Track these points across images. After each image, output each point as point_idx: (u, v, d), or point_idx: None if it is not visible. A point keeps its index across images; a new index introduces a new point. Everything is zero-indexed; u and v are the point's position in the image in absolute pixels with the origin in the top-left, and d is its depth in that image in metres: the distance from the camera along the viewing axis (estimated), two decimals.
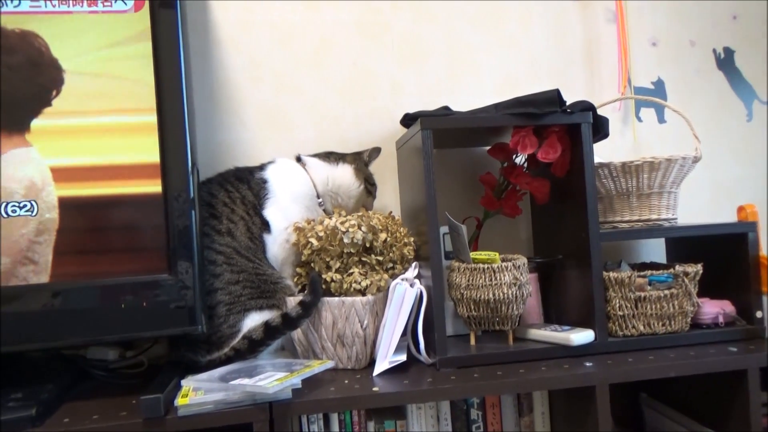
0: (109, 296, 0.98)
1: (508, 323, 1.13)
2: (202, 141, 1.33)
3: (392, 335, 1.08)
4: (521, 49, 1.52)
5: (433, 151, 1.09)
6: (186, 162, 1.02)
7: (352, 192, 1.28)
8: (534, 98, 1.14)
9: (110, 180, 1.00)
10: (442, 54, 1.48)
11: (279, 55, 1.42)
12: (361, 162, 1.31)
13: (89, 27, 1.00)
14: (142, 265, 1.00)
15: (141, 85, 1.01)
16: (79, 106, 0.99)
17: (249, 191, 1.20)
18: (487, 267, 1.11)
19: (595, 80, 1.54)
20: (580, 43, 1.54)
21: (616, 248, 1.49)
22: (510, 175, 1.28)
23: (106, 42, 1.01)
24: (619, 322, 1.15)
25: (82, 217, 0.99)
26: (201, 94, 1.37)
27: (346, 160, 1.30)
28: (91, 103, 1.00)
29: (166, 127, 1.01)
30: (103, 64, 1.00)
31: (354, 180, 1.28)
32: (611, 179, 1.25)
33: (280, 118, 1.42)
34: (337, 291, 1.11)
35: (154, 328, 1.00)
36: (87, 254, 0.99)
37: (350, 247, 1.11)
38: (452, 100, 1.43)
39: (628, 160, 1.22)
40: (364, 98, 1.45)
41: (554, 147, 1.15)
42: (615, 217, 1.27)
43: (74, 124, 0.99)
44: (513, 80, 1.50)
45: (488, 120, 1.16)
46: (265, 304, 1.11)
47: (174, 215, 1.00)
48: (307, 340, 1.12)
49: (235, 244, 1.13)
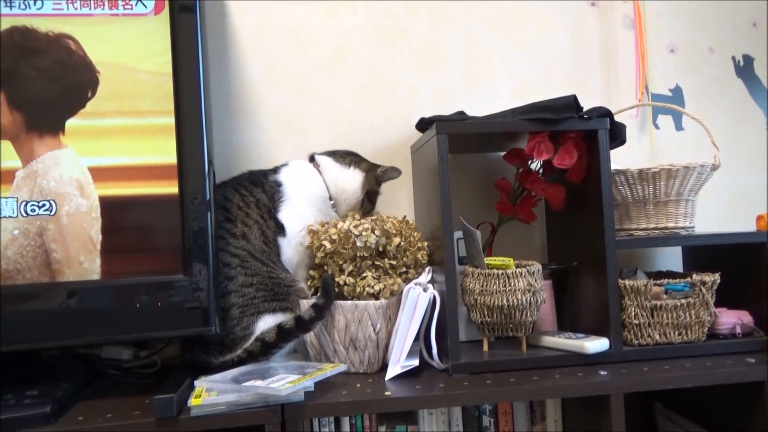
0: (125, 296, 0.98)
1: (522, 330, 1.12)
2: (219, 144, 1.34)
3: (405, 340, 1.08)
4: (538, 54, 1.51)
5: (448, 156, 1.09)
6: (203, 164, 1.02)
7: (351, 200, 1.28)
8: (551, 104, 1.13)
9: (130, 181, 1.01)
10: (459, 59, 1.48)
11: (296, 59, 1.42)
12: (372, 175, 1.29)
13: (110, 29, 1.01)
14: (158, 266, 1.00)
15: (159, 88, 1.01)
16: (103, 108, 1.00)
17: (263, 194, 1.20)
18: (502, 273, 1.10)
19: (613, 86, 1.53)
20: (598, 49, 1.53)
21: (632, 256, 1.47)
22: (525, 181, 1.27)
23: (125, 44, 1.01)
24: (635, 330, 1.14)
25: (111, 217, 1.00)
26: (218, 97, 1.37)
27: (361, 166, 1.29)
28: (112, 105, 1.00)
29: (183, 129, 1.02)
30: (121, 66, 1.01)
31: (357, 189, 1.27)
32: (628, 186, 1.23)
33: (297, 122, 1.42)
34: (350, 294, 1.11)
35: (168, 329, 1.00)
36: (108, 254, 1.00)
37: (363, 250, 1.11)
38: (468, 105, 1.42)
39: (645, 167, 1.21)
40: (380, 103, 1.44)
41: (570, 153, 1.14)
42: (631, 224, 1.25)
43: (97, 126, 1.00)
44: (530, 86, 1.49)
45: (504, 125, 1.15)
46: (279, 307, 1.11)
47: (190, 217, 1.01)
48: (319, 343, 1.11)
49: (249, 248, 1.13)
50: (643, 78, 1.51)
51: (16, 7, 0.99)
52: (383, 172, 1.30)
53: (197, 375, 1.03)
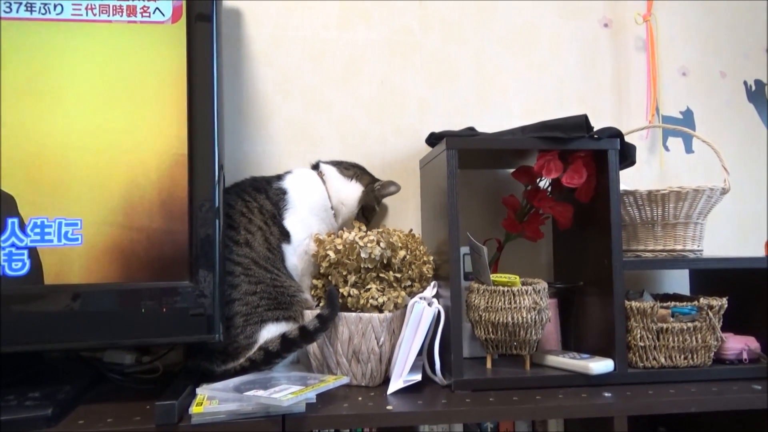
0: (130, 300, 0.98)
1: (526, 348, 1.11)
2: (229, 151, 1.34)
3: (408, 354, 1.07)
4: (550, 73, 1.51)
5: (457, 171, 1.08)
6: (213, 172, 1.02)
7: (347, 212, 1.27)
8: (561, 122, 1.13)
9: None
10: (471, 75, 1.48)
11: (309, 70, 1.43)
12: (371, 189, 1.29)
13: (127, 36, 1.02)
14: (163, 271, 1.00)
15: (173, 94, 1.02)
16: (115, 110, 1.01)
17: (267, 201, 1.19)
18: (507, 290, 1.09)
19: (623, 107, 1.52)
20: (610, 70, 1.53)
21: (639, 277, 1.46)
22: (533, 199, 1.27)
23: (142, 51, 1.02)
24: (640, 352, 1.12)
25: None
26: (231, 105, 1.38)
27: (362, 180, 1.29)
28: (125, 107, 1.01)
29: (195, 136, 1.02)
30: (138, 71, 1.02)
31: (355, 203, 1.27)
32: (636, 207, 1.23)
33: (307, 132, 1.42)
34: (353, 306, 1.10)
35: (171, 335, 1.00)
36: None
37: (368, 262, 1.10)
38: (479, 121, 1.42)
39: (655, 188, 1.20)
40: (391, 116, 1.45)
41: (579, 172, 1.13)
42: (639, 245, 1.24)
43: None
44: (541, 104, 1.49)
45: (514, 142, 1.15)
46: (282, 316, 1.10)
47: (198, 223, 1.01)
48: (322, 354, 1.11)
49: (253, 255, 1.13)
50: (654, 100, 1.51)
51: (36, 11, 1.00)
52: (381, 186, 1.30)
53: (199, 382, 1.02)
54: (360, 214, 1.29)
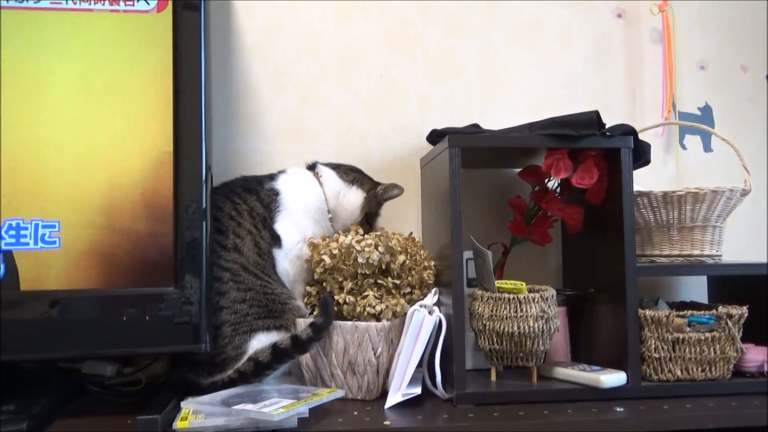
0: (111, 307, 0.97)
1: (533, 359, 1.10)
2: (218, 149, 1.34)
3: (407, 366, 1.06)
4: (559, 68, 1.50)
5: (460, 171, 1.08)
6: (200, 171, 1.02)
7: (350, 220, 1.27)
8: (571, 119, 1.12)
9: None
10: (475, 70, 1.48)
11: (304, 64, 1.43)
12: (373, 195, 1.29)
13: (109, 26, 1.02)
14: (147, 277, 0.99)
15: (158, 88, 1.02)
16: (96, 105, 1.00)
17: (258, 203, 1.19)
18: (513, 297, 1.08)
19: (637, 103, 1.52)
20: (623, 63, 1.52)
21: (654, 284, 1.46)
22: (541, 200, 1.26)
23: (125, 42, 1.02)
24: (654, 365, 1.12)
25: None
26: (220, 100, 1.37)
27: (363, 186, 1.29)
28: (106, 101, 1.01)
29: (181, 132, 1.01)
30: (121, 63, 1.01)
31: (357, 210, 1.27)
32: (651, 210, 1.22)
33: (302, 130, 1.42)
34: (349, 314, 1.10)
35: (155, 344, 0.99)
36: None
37: (365, 267, 1.10)
38: (483, 118, 1.42)
39: (670, 189, 1.20)
40: (390, 113, 1.44)
41: (590, 172, 1.13)
42: (653, 250, 1.24)
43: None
44: (549, 100, 1.49)
45: (520, 140, 1.15)
46: (273, 325, 1.10)
47: (183, 226, 1.00)
48: (315, 365, 1.10)
49: (242, 260, 1.12)
50: (670, 95, 1.50)
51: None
52: (383, 190, 1.29)
53: (184, 396, 1.01)
54: (364, 221, 1.28)
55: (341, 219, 1.27)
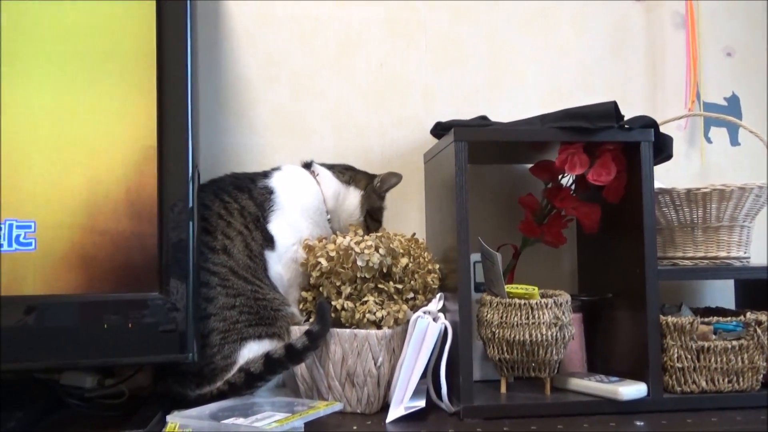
0: (91, 314, 0.98)
1: (546, 370, 1.11)
2: (205, 144, 1.34)
3: (410, 377, 1.07)
4: (573, 55, 1.51)
5: (467, 167, 1.08)
6: (186, 167, 1.02)
7: (352, 220, 1.28)
8: (586, 111, 1.13)
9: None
10: (483, 58, 1.48)
11: (299, 53, 1.43)
12: (371, 190, 1.30)
13: (88, 10, 1.02)
14: (130, 281, 1.00)
15: (141, 76, 1.02)
16: (74, 95, 1.00)
17: (250, 201, 1.19)
18: (524, 303, 1.09)
19: (659, 93, 1.52)
20: (643, 50, 1.52)
21: (676, 289, 1.46)
22: (555, 198, 1.26)
23: (105, 28, 1.02)
24: (677, 375, 1.12)
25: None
26: (207, 91, 1.38)
27: (359, 184, 1.30)
28: (85, 91, 1.01)
29: (166, 125, 1.02)
30: (101, 51, 1.02)
31: (356, 210, 1.28)
32: (673, 208, 1.22)
33: (297, 123, 1.42)
34: (347, 321, 1.10)
35: (138, 354, 0.99)
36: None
37: (365, 271, 1.10)
38: (491, 110, 1.42)
39: (694, 186, 1.20)
40: (391, 105, 1.45)
41: (608, 168, 1.13)
42: (676, 252, 1.24)
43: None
44: (563, 91, 1.49)
45: (532, 133, 1.15)
46: (265, 333, 1.10)
47: (168, 226, 1.00)
48: (311, 376, 1.10)
49: (231, 263, 1.12)
50: (694, 84, 1.51)
51: None
52: (380, 182, 1.30)
53: (170, 409, 1.01)
54: (368, 219, 1.29)
55: (341, 220, 1.28)
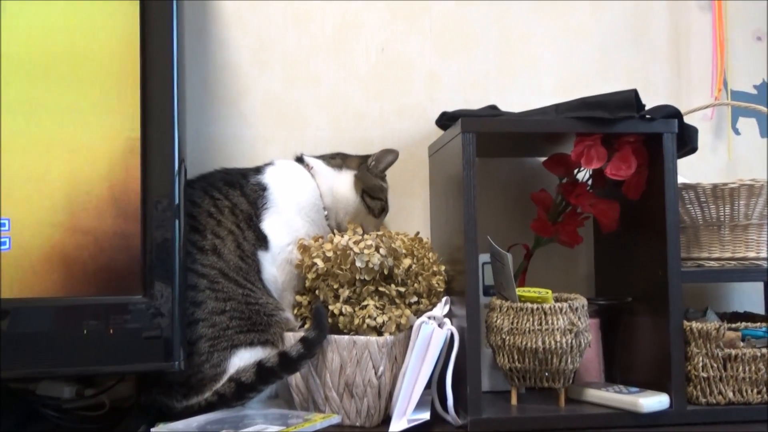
0: (69, 318, 0.98)
1: (560, 380, 1.11)
2: (192, 135, 1.34)
3: (414, 387, 1.07)
4: (591, 39, 1.50)
5: (475, 160, 1.08)
6: (171, 160, 1.02)
7: (349, 207, 1.28)
8: (605, 100, 1.13)
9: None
10: (492, 42, 1.48)
11: (292, 36, 1.43)
12: (365, 169, 1.30)
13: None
14: (111, 283, 1.00)
15: (123, 62, 1.02)
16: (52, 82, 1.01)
17: (243, 198, 1.19)
18: (537, 308, 1.09)
19: (683, 81, 1.52)
20: (665, 34, 1.52)
21: (701, 292, 1.46)
22: (570, 195, 1.26)
23: (86, 10, 1.02)
24: (702, 385, 1.12)
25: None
26: (194, 79, 1.38)
27: (350, 164, 1.31)
28: (64, 78, 1.01)
29: (150, 115, 1.02)
30: (81, 35, 1.02)
31: (351, 191, 1.28)
32: (698, 205, 1.22)
33: (290, 112, 1.42)
34: (346, 327, 1.10)
35: (120, 362, 1.00)
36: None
37: (365, 272, 1.10)
38: (502, 98, 1.42)
39: (721, 181, 1.20)
40: (393, 93, 1.45)
41: (627, 162, 1.13)
42: (701, 252, 1.24)
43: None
44: (579, 78, 1.49)
45: (546, 124, 1.15)
46: (257, 340, 1.10)
47: (153, 225, 1.00)
48: (307, 387, 1.11)
49: (221, 265, 1.13)
50: (721, 71, 1.50)
51: None
52: (376, 160, 1.30)
53: (155, 422, 1.02)
54: (366, 197, 1.28)
55: (339, 213, 1.28)
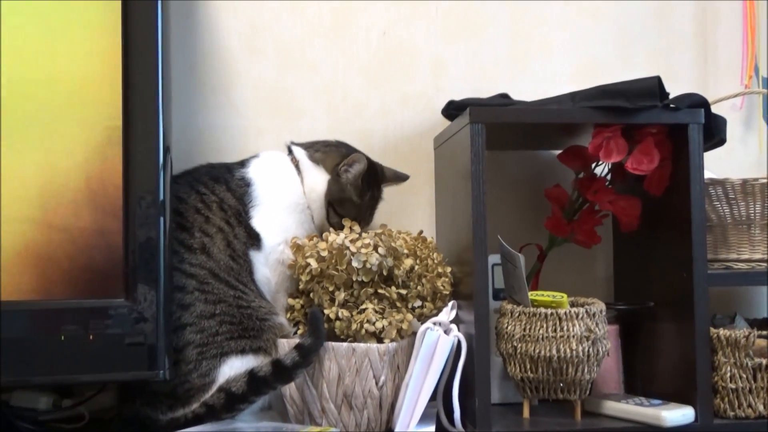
0: (46, 323, 0.98)
1: (576, 391, 1.11)
2: (179, 126, 1.33)
3: (417, 399, 1.07)
4: (610, 21, 1.50)
5: (485, 153, 1.08)
6: (156, 153, 1.02)
7: (316, 212, 1.26)
8: (625, 88, 1.13)
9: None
10: (503, 25, 1.48)
11: (287, 19, 1.43)
12: (336, 174, 1.25)
13: None
14: (91, 285, 1.00)
15: (104, 46, 1.02)
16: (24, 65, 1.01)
17: (229, 193, 1.20)
18: (551, 313, 1.09)
19: (710, 67, 1.52)
20: (691, 15, 1.52)
21: (730, 296, 1.46)
22: (587, 190, 1.26)
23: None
24: (730, 397, 1.12)
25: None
26: (181, 64, 1.38)
27: (327, 164, 1.26)
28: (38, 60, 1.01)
29: (132, 103, 1.02)
30: (57, 16, 1.02)
31: (321, 196, 1.25)
32: (726, 202, 1.22)
33: (284, 101, 1.42)
34: (343, 333, 1.10)
35: (101, 371, 1.00)
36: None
37: (362, 273, 1.10)
38: (513, 86, 1.42)
39: (751, 176, 1.20)
40: (395, 80, 1.45)
41: (650, 155, 1.13)
42: (729, 253, 1.24)
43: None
44: (597, 64, 1.49)
45: (561, 114, 1.15)
46: (249, 347, 1.10)
47: (136, 222, 1.01)
48: (302, 398, 1.11)
49: (210, 264, 1.13)
50: (752, 57, 1.50)
51: None
52: (347, 165, 1.24)
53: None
54: (330, 211, 1.26)
55: (317, 215, 1.27)
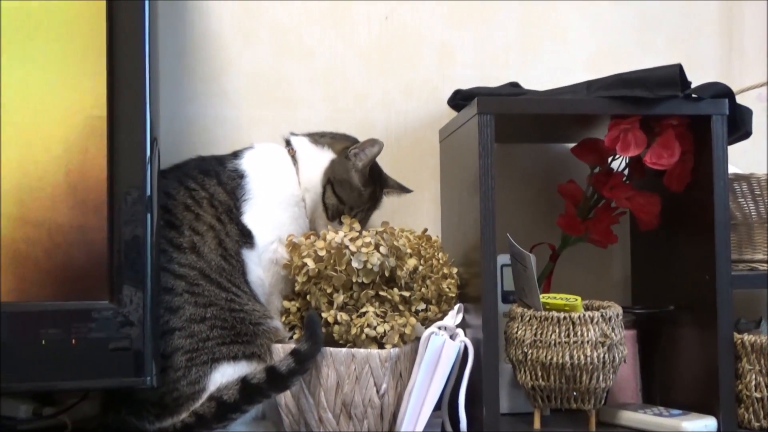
0: (25, 327, 0.98)
1: (591, 400, 1.11)
2: (167, 117, 1.33)
3: (421, 408, 1.07)
4: (628, 6, 1.50)
5: (494, 146, 1.08)
6: (143, 145, 1.02)
7: (315, 196, 1.27)
8: (644, 76, 1.13)
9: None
10: (514, 9, 1.48)
11: (282, 3, 1.43)
12: (344, 155, 1.27)
13: None
14: (73, 286, 1.00)
15: (87, 31, 1.02)
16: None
17: (219, 188, 1.20)
18: (564, 317, 1.09)
19: (735, 54, 1.52)
20: (714, 0, 1.52)
21: (755, 300, 1.45)
22: (603, 186, 1.26)
23: None
24: (755, 407, 1.13)
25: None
26: (169, 50, 1.38)
27: (335, 146, 1.28)
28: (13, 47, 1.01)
29: (117, 92, 1.02)
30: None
31: (319, 176, 1.27)
32: (752, 199, 1.22)
33: (280, 90, 1.42)
34: (341, 338, 1.10)
35: (84, 377, 1.00)
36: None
37: (362, 274, 1.10)
38: (524, 75, 1.42)
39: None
40: (398, 67, 1.45)
41: (670, 148, 1.13)
42: (755, 254, 1.24)
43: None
44: (614, 51, 1.49)
45: (575, 104, 1.15)
46: (242, 353, 1.10)
47: (121, 219, 1.00)
48: (298, 407, 1.11)
49: (201, 264, 1.13)
50: None
51: None
52: (359, 148, 1.26)
53: None
54: (327, 190, 1.26)
55: (309, 205, 1.27)
